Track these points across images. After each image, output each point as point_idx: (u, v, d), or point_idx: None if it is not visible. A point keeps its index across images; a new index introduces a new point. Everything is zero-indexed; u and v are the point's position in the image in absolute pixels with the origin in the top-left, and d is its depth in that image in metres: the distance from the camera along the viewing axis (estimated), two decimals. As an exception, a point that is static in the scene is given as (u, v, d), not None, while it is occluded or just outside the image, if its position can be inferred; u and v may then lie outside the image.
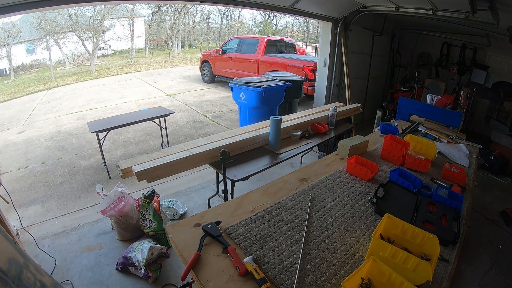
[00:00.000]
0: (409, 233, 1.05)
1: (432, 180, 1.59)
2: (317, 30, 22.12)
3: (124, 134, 4.57)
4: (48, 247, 2.15)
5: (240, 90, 3.63)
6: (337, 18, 4.12)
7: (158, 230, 2.10)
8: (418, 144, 1.92)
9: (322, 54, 4.45)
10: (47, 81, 10.88)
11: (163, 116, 3.63)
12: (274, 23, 26.28)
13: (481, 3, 2.39)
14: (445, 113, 2.86)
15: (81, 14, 13.72)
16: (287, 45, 8.03)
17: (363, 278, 0.87)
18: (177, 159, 1.77)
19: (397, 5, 3.38)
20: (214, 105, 6.48)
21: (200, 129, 4.96)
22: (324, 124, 2.68)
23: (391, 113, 4.91)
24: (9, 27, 12.88)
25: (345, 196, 1.37)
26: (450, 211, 1.24)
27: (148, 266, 1.83)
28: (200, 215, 1.16)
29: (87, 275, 1.91)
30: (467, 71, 5.03)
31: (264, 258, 0.96)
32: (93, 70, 12.30)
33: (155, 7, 17.53)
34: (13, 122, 5.63)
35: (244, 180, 1.83)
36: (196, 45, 24.84)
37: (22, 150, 4.11)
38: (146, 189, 2.28)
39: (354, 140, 1.86)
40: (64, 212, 2.64)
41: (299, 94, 4.39)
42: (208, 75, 8.95)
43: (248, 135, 2.20)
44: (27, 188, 3.07)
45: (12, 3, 1.85)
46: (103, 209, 2.06)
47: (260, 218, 1.16)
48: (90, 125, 3.16)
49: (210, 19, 23.46)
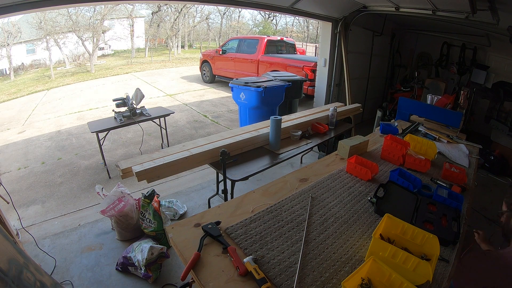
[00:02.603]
0: (409, 233, 1.05)
1: (432, 180, 1.58)
2: (317, 30, 22.12)
3: (124, 134, 4.57)
4: (48, 247, 2.15)
5: (240, 90, 3.63)
6: (337, 18, 4.12)
7: (158, 230, 2.10)
8: (418, 144, 1.92)
9: (322, 54, 4.45)
10: (47, 81, 10.88)
11: (163, 116, 3.63)
12: (274, 23, 26.29)
13: (481, 3, 2.39)
14: (445, 113, 2.86)
15: (81, 14, 13.72)
16: (287, 45, 8.03)
17: (363, 278, 0.87)
18: (177, 159, 1.77)
19: (397, 5, 3.38)
20: (214, 105, 6.48)
21: (200, 129, 4.96)
22: (324, 124, 2.68)
23: (391, 113, 4.90)
24: (9, 27, 12.87)
25: (345, 196, 1.37)
26: (450, 211, 1.24)
27: (148, 266, 1.83)
28: (200, 215, 1.16)
29: (87, 275, 1.91)
30: (467, 71, 5.03)
31: (264, 258, 0.96)
32: (93, 70, 12.30)
33: (155, 7, 17.52)
34: (13, 122, 5.63)
35: (244, 180, 1.83)
36: (196, 45, 24.84)
37: (22, 150, 4.11)
38: (146, 189, 2.28)
39: (354, 140, 1.85)
40: (64, 212, 2.64)
41: (299, 94, 4.39)
42: (208, 75, 8.95)
43: (248, 135, 2.20)
44: (27, 188, 3.07)
45: (12, 3, 1.85)
46: (103, 209, 2.07)
47: (260, 218, 1.16)
48: (90, 125, 3.16)
49: (210, 19, 23.50)
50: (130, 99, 3.37)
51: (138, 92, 3.36)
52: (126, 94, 3.39)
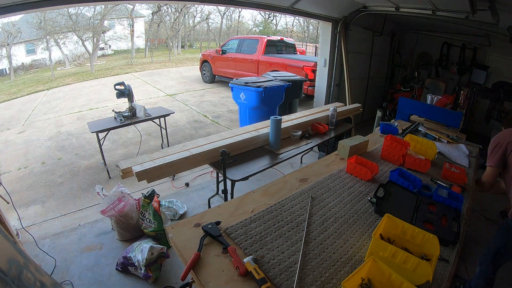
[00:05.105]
0: (409, 233, 1.05)
1: (432, 180, 1.59)
2: (317, 30, 22.12)
3: (124, 134, 4.57)
4: (48, 247, 2.15)
5: (240, 90, 3.63)
6: (337, 18, 4.12)
7: (158, 230, 2.10)
8: (418, 144, 1.92)
9: (322, 54, 4.45)
10: (47, 81, 10.87)
11: (163, 116, 3.63)
12: (274, 23, 26.29)
13: (481, 3, 2.39)
14: (445, 113, 2.86)
15: (81, 14, 13.72)
16: (287, 45, 8.02)
17: (363, 278, 0.87)
18: (177, 159, 1.77)
19: (397, 5, 3.38)
20: (214, 105, 6.48)
21: (200, 129, 4.96)
22: (324, 124, 2.68)
23: (391, 113, 4.90)
24: (9, 27, 12.88)
25: (345, 196, 1.37)
26: (450, 211, 1.24)
27: (148, 266, 1.83)
28: (200, 215, 1.16)
29: (87, 275, 1.91)
30: (467, 71, 5.03)
31: (264, 258, 0.96)
32: (93, 70, 12.30)
33: (155, 7, 17.51)
34: (13, 122, 5.63)
35: (244, 180, 1.83)
36: (196, 45, 24.84)
37: (22, 150, 4.11)
38: (146, 189, 2.28)
39: (354, 140, 1.86)
40: (64, 212, 2.64)
41: (299, 94, 4.39)
42: (208, 75, 8.95)
43: (248, 135, 2.20)
44: (27, 188, 3.07)
45: (12, 3, 1.85)
46: (103, 209, 2.06)
47: (260, 218, 1.16)
48: (90, 125, 3.15)
49: (210, 19, 23.48)
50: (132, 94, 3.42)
51: (141, 108, 3.39)
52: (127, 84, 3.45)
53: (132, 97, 3.46)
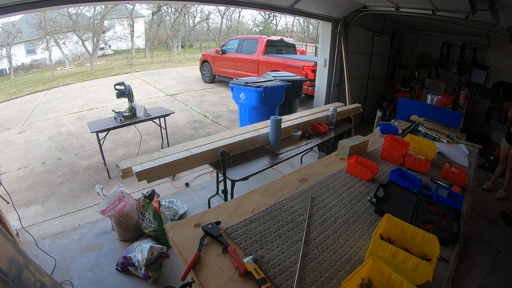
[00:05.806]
0: (409, 233, 1.05)
1: (432, 180, 1.58)
2: (317, 30, 22.11)
3: (124, 134, 4.57)
4: (48, 247, 2.15)
5: (240, 90, 3.63)
6: (337, 18, 4.12)
7: (158, 230, 2.10)
8: (418, 144, 1.92)
9: (322, 54, 4.45)
10: (47, 81, 10.88)
11: (163, 116, 3.63)
12: (274, 23, 26.27)
13: (481, 3, 2.39)
14: (445, 113, 2.86)
15: (81, 14, 13.71)
16: (287, 45, 8.02)
17: (363, 278, 0.87)
18: (177, 159, 1.77)
19: (397, 5, 3.38)
20: (214, 105, 6.48)
21: (200, 129, 4.96)
22: (324, 124, 2.68)
23: (391, 113, 4.91)
24: (9, 27, 12.88)
25: (345, 196, 1.37)
26: (450, 211, 1.24)
27: (148, 266, 1.83)
28: (200, 215, 1.16)
29: (87, 275, 1.91)
30: (467, 71, 5.04)
31: (264, 258, 0.96)
32: (93, 70, 12.29)
33: (155, 7, 17.51)
34: (13, 122, 5.63)
35: (244, 180, 1.83)
36: (196, 45, 24.84)
37: (22, 150, 4.11)
38: (146, 189, 2.28)
39: (354, 140, 1.85)
40: (64, 212, 2.64)
41: (299, 94, 4.39)
42: (208, 75, 8.95)
43: (248, 135, 2.20)
44: (27, 188, 3.07)
45: (12, 3, 1.85)
46: (103, 209, 2.06)
47: (260, 218, 1.16)
48: (90, 125, 3.16)
49: (210, 19, 23.47)
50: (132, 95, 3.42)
51: (141, 108, 3.39)
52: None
53: (132, 97, 3.47)
